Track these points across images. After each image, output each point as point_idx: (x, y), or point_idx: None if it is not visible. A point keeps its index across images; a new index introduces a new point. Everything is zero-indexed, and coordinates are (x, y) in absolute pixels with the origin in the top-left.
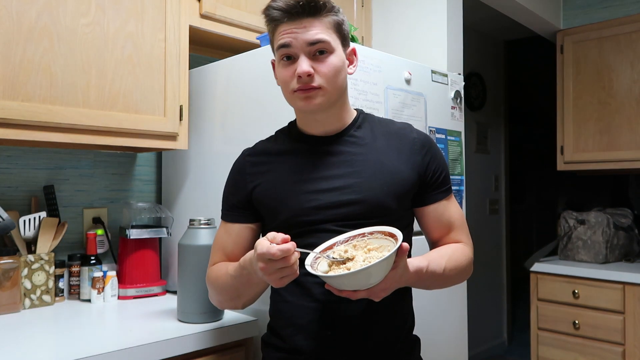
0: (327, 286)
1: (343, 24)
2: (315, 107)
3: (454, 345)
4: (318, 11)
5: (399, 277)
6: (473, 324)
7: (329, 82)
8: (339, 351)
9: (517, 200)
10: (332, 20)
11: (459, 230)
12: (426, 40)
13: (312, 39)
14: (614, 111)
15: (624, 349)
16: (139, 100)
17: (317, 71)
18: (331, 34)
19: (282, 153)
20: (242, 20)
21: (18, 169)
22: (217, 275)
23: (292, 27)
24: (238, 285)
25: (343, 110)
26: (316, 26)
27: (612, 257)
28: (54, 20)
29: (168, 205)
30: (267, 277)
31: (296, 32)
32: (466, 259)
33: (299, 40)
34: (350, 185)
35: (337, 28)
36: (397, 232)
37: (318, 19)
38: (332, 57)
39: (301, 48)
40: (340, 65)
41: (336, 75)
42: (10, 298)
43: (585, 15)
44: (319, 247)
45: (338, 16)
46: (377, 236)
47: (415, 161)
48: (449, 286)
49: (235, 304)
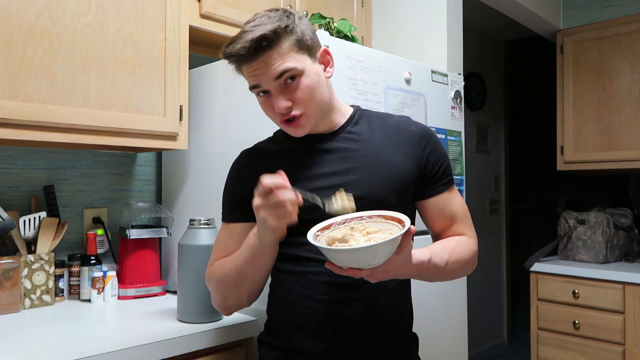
0: (328, 265)
1: (303, 38)
2: (305, 132)
3: (454, 345)
4: (271, 44)
5: (400, 263)
6: (473, 324)
7: (308, 106)
8: (338, 351)
9: (517, 200)
10: (290, 43)
11: (463, 222)
12: (426, 40)
13: (276, 73)
14: (614, 111)
15: (624, 349)
16: (138, 100)
17: (293, 100)
18: (294, 55)
19: (280, 153)
20: (242, 20)
21: (18, 169)
22: (221, 265)
23: (253, 67)
24: (242, 264)
25: (332, 113)
26: (275, 58)
27: (612, 257)
28: (54, 20)
29: (168, 205)
30: (262, 216)
31: (259, 72)
32: (470, 251)
33: (264, 78)
34: (350, 182)
35: (299, 46)
36: (403, 216)
37: (276, 49)
38: (303, 80)
39: (269, 84)
40: (314, 83)
41: (313, 94)
42: (10, 298)
43: (585, 15)
44: (316, 226)
45: (295, 33)
46: (377, 220)
47: (415, 154)
48: (452, 279)
49: (240, 295)
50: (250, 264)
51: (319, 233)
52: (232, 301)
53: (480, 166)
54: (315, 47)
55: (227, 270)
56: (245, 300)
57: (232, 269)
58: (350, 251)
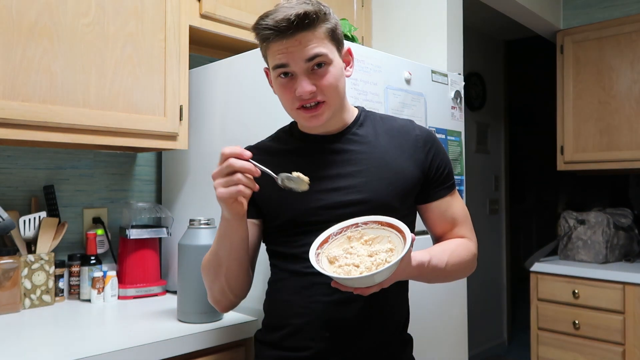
0: (334, 284)
1: (336, 29)
2: (322, 123)
3: (454, 345)
4: (311, 24)
5: (402, 270)
6: (473, 324)
7: (331, 95)
8: (335, 351)
9: (517, 200)
10: (326, 29)
11: (463, 225)
12: (426, 40)
13: (309, 55)
14: (614, 111)
15: (624, 349)
16: (139, 100)
17: (318, 86)
18: (326, 43)
19: (284, 152)
20: (242, 20)
21: (18, 169)
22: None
23: (286, 45)
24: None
25: (344, 112)
26: (311, 40)
27: (612, 257)
28: (54, 20)
29: (168, 205)
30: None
31: (291, 50)
32: (469, 254)
33: (295, 58)
34: (354, 185)
35: (332, 36)
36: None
37: (312, 31)
38: (331, 69)
39: (299, 66)
40: (339, 75)
41: (337, 86)
42: (10, 298)
43: (585, 15)
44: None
45: (331, 22)
46: (373, 226)
47: (419, 158)
48: (451, 281)
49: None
50: (221, 245)
51: (319, 251)
52: (217, 292)
53: (480, 166)
54: (342, 43)
55: (206, 259)
56: (228, 291)
57: (209, 255)
58: (357, 279)
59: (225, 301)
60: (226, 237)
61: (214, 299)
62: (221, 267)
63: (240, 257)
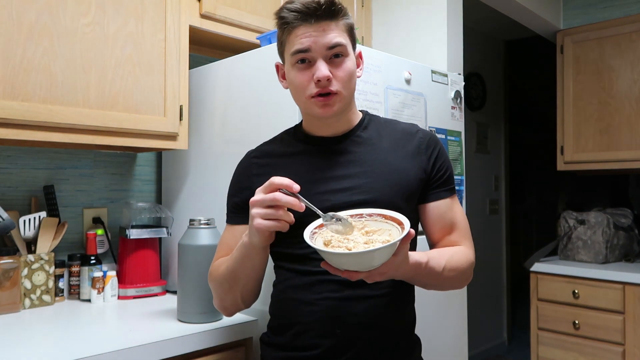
0: (324, 264)
1: (353, 28)
2: (333, 114)
3: (454, 346)
4: (336, 14)
5: (397, 265)
6: (473, 324)
7: (345, 87)
8: (346, 348)
9: (517, 200)
10: (346, 24)
11: (461, 233)
12: (426, 40)
13: (331, 43)
14: (614, 111)
15: (624, 349)
16: (139, 100)
17: (334, 76)
18: (346, 37)
19: (289, 154)
20: (242, 20)
21: (18, 169)
22: (217, 266)
23: (310, 30)
24: (233, 264)
25: (351, 112)
26: (333, 29)
27: (612, 257)
28: (54, 20)
29: (168, 205)
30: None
31: (314, 35)
32: (467, 262)
33: (318, 44)
34: (360, 185)
35: (350, 32)
36: (403, 218)
37: (335, 22)
38: (347, 61)
39: (320, 52)
40: (354, 70)
41: (351, 79)
42: (10, 298)
43: (585, 15)
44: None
45: (350, 20)
46: (377, 219)
47: (422, 160)
48: (447, 289)
49: (234, 297)
50: (241, 265)
51: (316, 231)
52: (228, 303)
53: (480, 166)
54: (356, 43)
55: (221, 272)
56: (240, 302)
57: (225, 270)
58: (348, 255)
59: (234, 309)
60: (248, 260)
61: (222, 307)
62: (237, 284)
63: (259, 276)
